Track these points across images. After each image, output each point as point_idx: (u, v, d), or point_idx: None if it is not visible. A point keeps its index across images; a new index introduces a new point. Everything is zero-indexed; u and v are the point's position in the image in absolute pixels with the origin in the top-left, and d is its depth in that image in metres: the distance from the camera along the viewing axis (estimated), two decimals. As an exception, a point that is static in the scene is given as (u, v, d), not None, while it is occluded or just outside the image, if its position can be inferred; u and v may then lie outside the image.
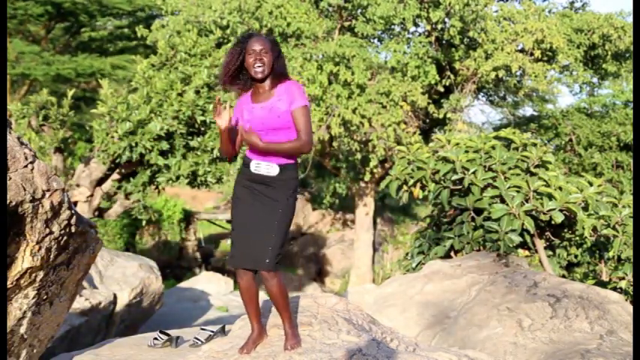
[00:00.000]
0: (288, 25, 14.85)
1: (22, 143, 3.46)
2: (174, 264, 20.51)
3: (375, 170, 16.69)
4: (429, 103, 15.45)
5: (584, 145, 18.05)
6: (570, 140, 18.43)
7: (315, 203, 23.06)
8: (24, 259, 3.39)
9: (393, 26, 15.68)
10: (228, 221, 23.38)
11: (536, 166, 6.63)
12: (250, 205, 3.35)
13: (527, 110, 23.07)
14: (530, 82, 16.73)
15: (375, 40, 17.19)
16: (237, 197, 3.42)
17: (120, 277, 8.58)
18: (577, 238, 6.86)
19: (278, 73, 3.36)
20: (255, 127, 3.34)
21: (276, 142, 3.31)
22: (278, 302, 3.39)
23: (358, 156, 16.18)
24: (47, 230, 3.45)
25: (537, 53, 15.37)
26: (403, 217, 24.03)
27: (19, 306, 3.56)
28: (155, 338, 4.30)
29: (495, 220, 6.14)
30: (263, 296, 3.69)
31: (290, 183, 3.37)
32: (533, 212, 6.08)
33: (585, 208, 6.16)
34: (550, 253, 6.68)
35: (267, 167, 3.34)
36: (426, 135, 16.90)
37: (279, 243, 3.33)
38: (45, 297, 3.72)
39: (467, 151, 6.67)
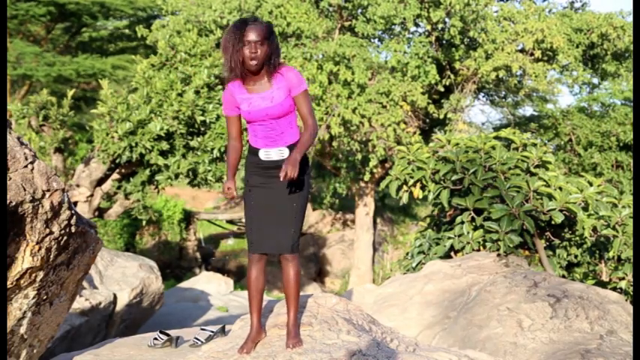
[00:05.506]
0: (288, 24, 14.86)
1: (22, 143, 3.46)
2: (174, 264, 20.51)
3: (375, 170, 16.69)
4: (429, 103, 15.44)
5: (584, 145, 18.05)
6: (570, 140, 18.44)
7: (315, 203, 23.04)
8: (24, 259, 3.39)
9: (393, 26, 15.68)
10: (228, 221, 23.38)
11: (536, 166, 6.64)
12: (268, 191, 3.35)
13: (527, 110, 23.09)
14: (531, 82, 16.74)
15: (376, 40, 17.19)
16: (253, 185, 3.40)
17: (120, 277, 8.57)
18: (577, 238, 6.86)
19: (274, 61, 3.32)
20: (258, 118, 3.35)
21: (280, 133, 3.35)
22: (292, 287, 3.43)
23: (358, 156, 16.18)
24: (47, 230, 3.45)
25: (537, 53, 15.38)
26: (403, 217, 24.02)
27: (19, 306, 3.56)
28: (155, 338, 4.29)
29: (495, 220, 6.14)
30: (264, 297, 3.69)
31: (302, 162, 3.34)
32: (533, 212, 6.09)
33: (585, 208, 6.17)
34: (550, 253, 6.68)
35: (278, 152, 3.35)
36: (426, 135, 16.90)
37: (300, 225, 3.40)
38: (45, 297, 3.72)
39: (467, 151, 6.67)
